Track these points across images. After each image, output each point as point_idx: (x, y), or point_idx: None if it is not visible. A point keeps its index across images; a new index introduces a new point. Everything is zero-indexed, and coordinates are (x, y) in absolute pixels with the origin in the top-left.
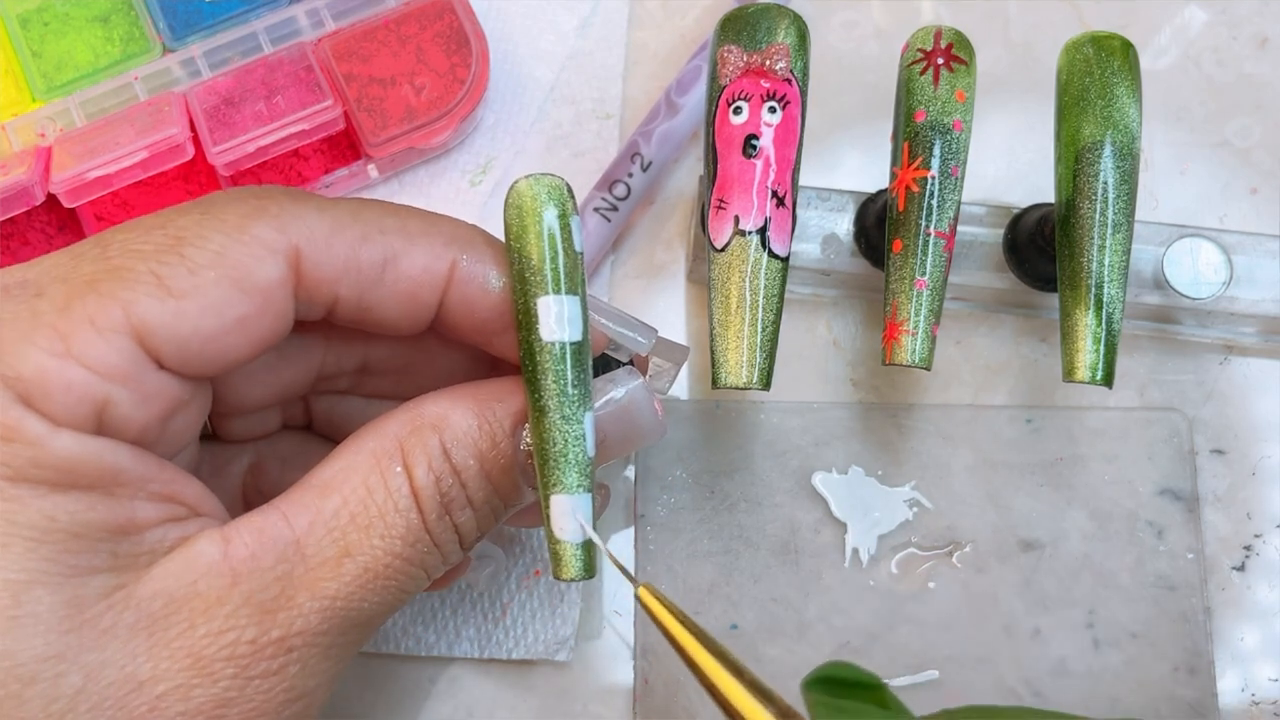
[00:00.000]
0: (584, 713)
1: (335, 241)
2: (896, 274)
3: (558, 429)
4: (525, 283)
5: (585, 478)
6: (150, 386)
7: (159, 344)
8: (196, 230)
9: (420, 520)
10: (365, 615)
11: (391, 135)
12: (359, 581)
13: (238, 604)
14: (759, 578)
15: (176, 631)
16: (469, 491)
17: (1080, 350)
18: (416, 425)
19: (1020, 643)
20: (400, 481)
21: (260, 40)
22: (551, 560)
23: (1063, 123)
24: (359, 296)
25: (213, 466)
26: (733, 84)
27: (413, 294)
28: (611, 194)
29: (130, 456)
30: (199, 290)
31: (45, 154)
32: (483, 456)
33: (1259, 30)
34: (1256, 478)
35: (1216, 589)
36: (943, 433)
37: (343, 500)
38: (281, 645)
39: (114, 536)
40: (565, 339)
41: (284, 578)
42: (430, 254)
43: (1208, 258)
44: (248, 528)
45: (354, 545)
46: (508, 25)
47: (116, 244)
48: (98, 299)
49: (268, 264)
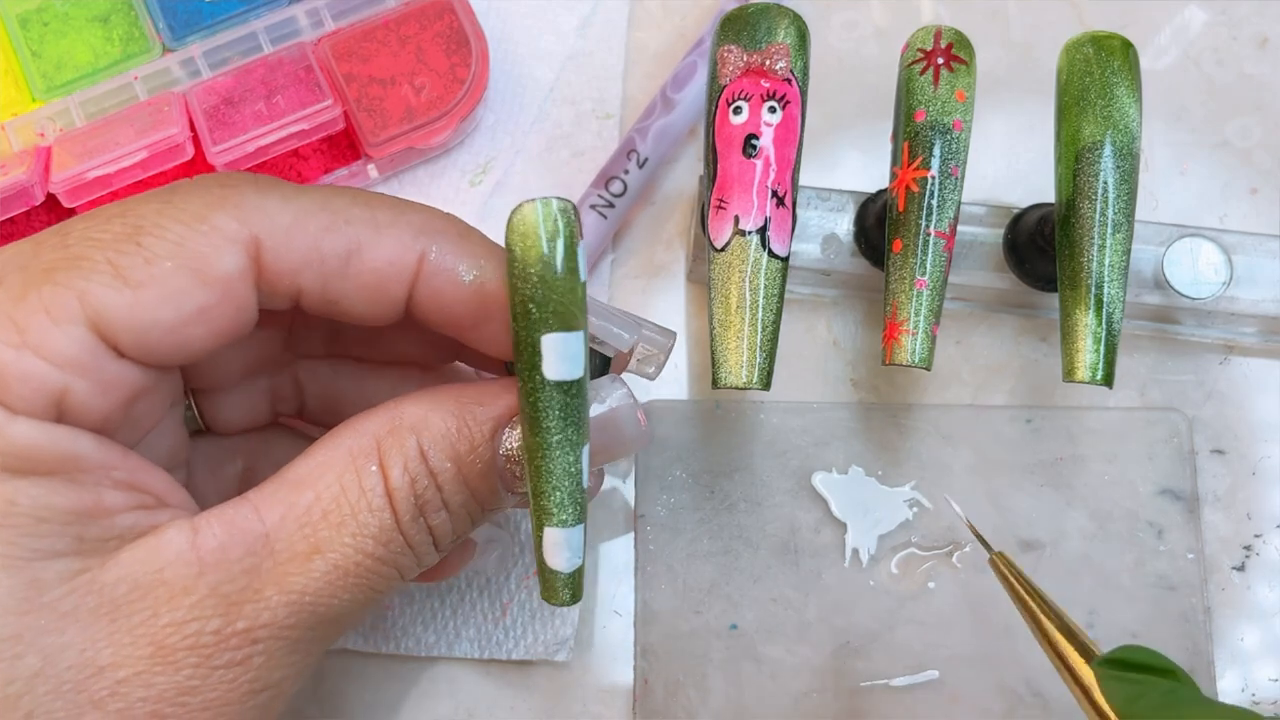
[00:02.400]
0: (584, 713)
1: (297, 232)
2: (896, 274)
3: (557, 464)
4: (529, 316)
5: (580, 510)
6: (109, 375)
7: (116, 333)
8: (155, 219)
9: (394, 521)
10: (335, 612)
11: (391, 135)
12: (328, 578)
13: (203, 594)
14: (759, 578)
15: (140, 619)
16: (445, 495)
17: (1080, 350)
18: (395, 426)
19: (1020, 643)
20: (375, 481)
21: (260, 40)
22: (541, 585)
23: (1063, 123)
24: (323, 288)
25: (208, 465)
26: (733, 84)
27: (379, 286)
28: (608, 191)
29: (92, 444)
30: (156, 280)
31: (45, 154)
32: (460, 460)
33: (1259, 30)
34: (1256, 478)
35: (1216, 589)
36: (943, 433)
37: (315, 496)
38: (246, 637)
39: (79, 520)
40: (569, 377)
41: (251, 570)
42: (398, 245)
43: (1208, 258)
44: (218, 519)
45: (324, 542)
46: (508, 25)
47: (76, 233)
48: (53, 289)
49: (226, 254)
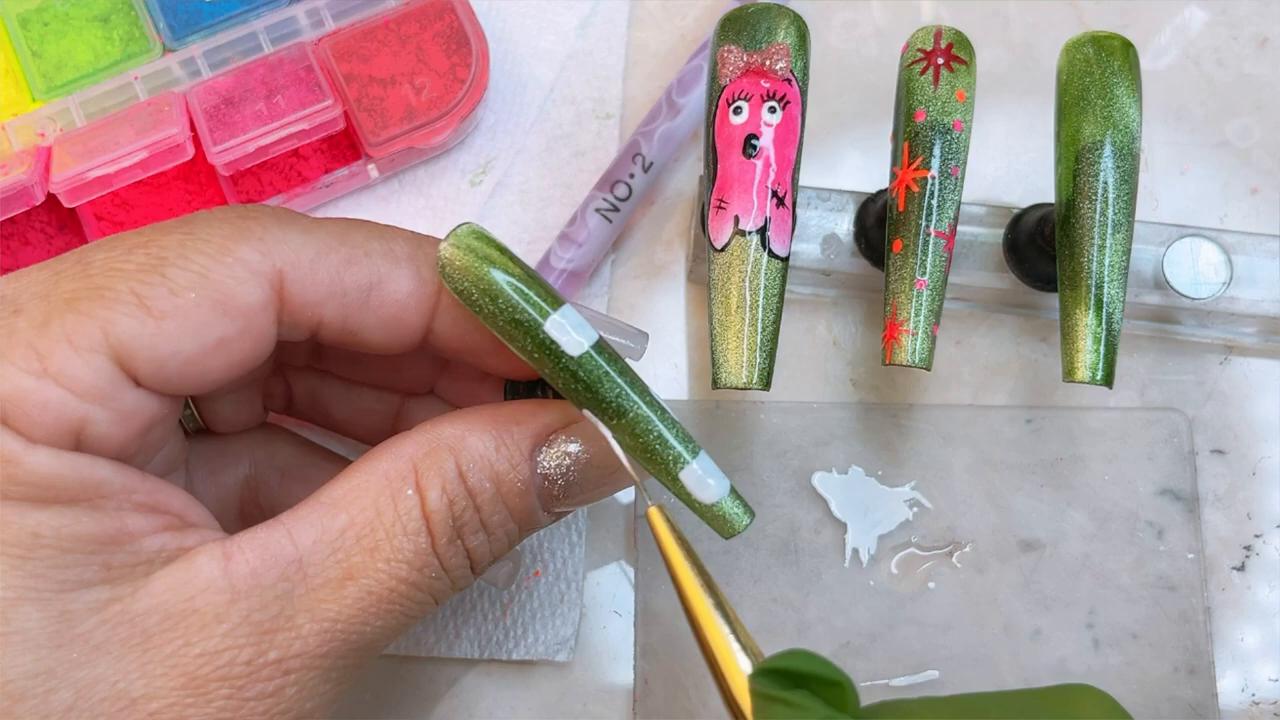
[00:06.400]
0: (584, 713)
1: (320, 265)
2: (896, 274)
3: (642, 418)
4: (519, 328)
5: (687, 439)
6: (128, 405)
7: (138, 364)
8: (179, 250)
9: (430, 544)
10: (367, 639)
11: (391, 135)
12: (361, 604)
13: (235, 622)
14: (759, 578)
15: (171, 649)
16: (483, 515)
17: (1080, 350)
18: (432, 447)
19: (1020, 643)
20: (411, 504)
21: (260, 40)
22: (717, 526)
23: (1063, 123)
24: (343, 320)
25: (207, 469)
26: (733, 84)
27: (399, 317)
28: (613, 194)
29: (110, 470)
30: (180, 311)
31: (45, 154)
32: (499, 479)
33: (1259, 30)
34: (1256, 478)
35: (1216, 589)
36: (943, 433)
37: (350, 520)
38: (279, 667)
39: (105, 549)
40: (588, 342)
41: (284, 596)
42: (417, 277)
43: (1208, 258)
44: (251, 544)
45: (358, 567)
46: (508, 25)
47: (98, 262)
48: (76, 318)
49: (250, 286)
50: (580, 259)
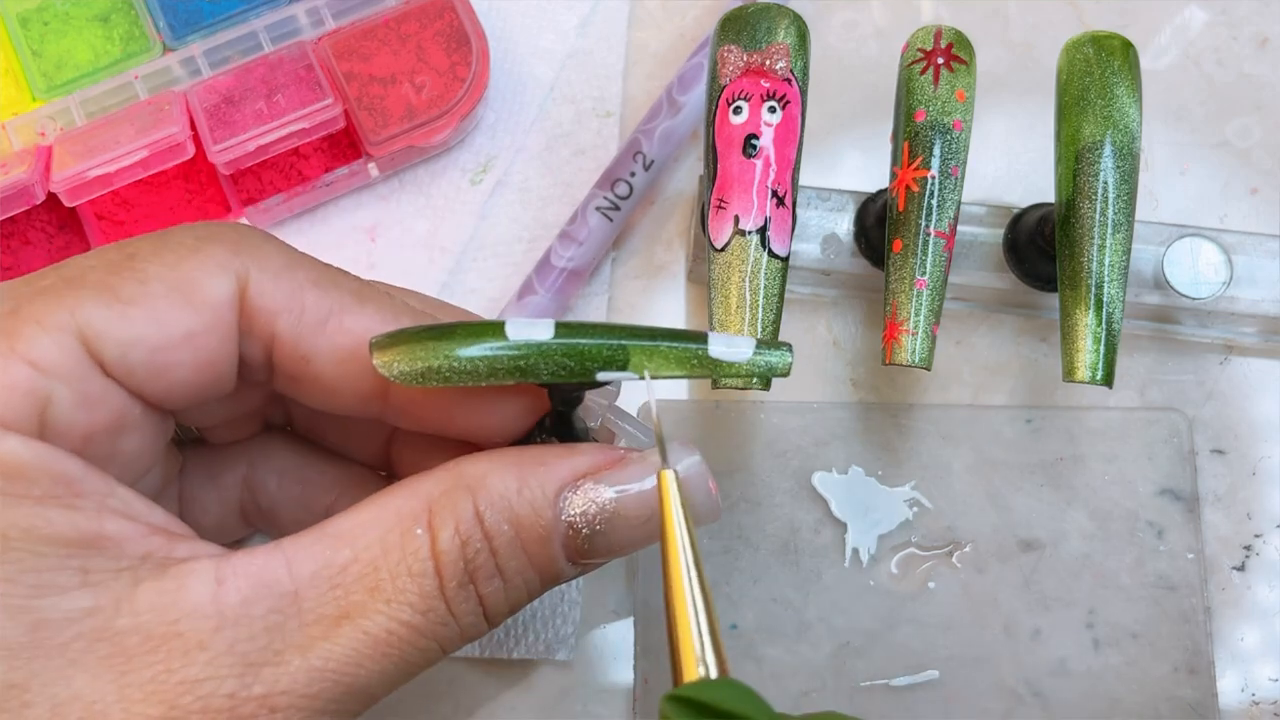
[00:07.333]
0: (584, 713)
1: (285, 276)
2: (896, 274)
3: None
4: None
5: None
6: (93, 390)
7: (104, 347)
8: (152, 248)
9: (438, 587)
10: (362, 683)
11: (392, 134)
12: (356, 646)
13: (219, 651)
14: (759, 578)
15: (151, 674)
16: (500, 560)
17: (1080, 350)
18: (452, 485)
19: (1020, 643)
20: (420, 543)
21: (260, 39)
22: (765, 373)
23: (1063, 123)
24: (296, 340)
25: (206, 474)
26: (733, 84)
27: (353, 353)
28: (614, 192)
29: (80, 468)
30: (147, 298)
31: (45, 153)
32: (519, 522)
33: (1259, 30)
34: (1256, 478)
35: (1216, 589)
36: (943, 433)
37: (353, 556)
38: (263, 703)
39: (81, 551)
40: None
41: (274, 629)
42: (379, 318)
43: (1208, 258)
44: (246, 568)
45: (356, 606)
46: (508, 24)
47: (73, 263)
48: (44, 301)
49: (218, 279)
50: (581, 257)
